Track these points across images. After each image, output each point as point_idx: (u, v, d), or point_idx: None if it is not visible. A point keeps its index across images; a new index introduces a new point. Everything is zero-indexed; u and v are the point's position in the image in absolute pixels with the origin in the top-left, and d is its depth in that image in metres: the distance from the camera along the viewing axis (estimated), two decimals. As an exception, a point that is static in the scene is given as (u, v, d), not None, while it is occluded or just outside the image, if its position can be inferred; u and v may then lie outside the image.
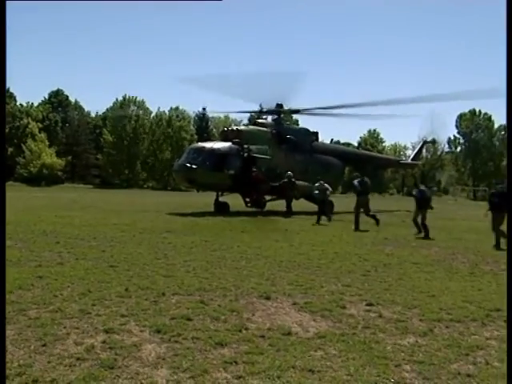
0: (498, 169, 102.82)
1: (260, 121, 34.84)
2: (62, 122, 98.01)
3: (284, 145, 30.48)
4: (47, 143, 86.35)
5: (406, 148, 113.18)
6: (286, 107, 33.12)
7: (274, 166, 28.64)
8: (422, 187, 20.16)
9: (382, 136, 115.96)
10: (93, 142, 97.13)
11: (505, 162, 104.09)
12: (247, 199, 29.06)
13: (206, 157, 27.08)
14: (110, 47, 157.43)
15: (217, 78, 48.41)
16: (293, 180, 24.50)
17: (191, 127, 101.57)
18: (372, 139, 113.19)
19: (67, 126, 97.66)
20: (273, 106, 32.96)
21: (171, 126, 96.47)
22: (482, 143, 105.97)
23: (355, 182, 21.81)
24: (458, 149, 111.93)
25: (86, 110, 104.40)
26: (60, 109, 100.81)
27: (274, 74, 33.74)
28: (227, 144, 28.27)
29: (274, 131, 30.97)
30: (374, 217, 21.59)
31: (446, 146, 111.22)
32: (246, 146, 28.09)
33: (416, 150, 51.31)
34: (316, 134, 34.22)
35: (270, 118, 35.98)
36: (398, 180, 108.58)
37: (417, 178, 77.44)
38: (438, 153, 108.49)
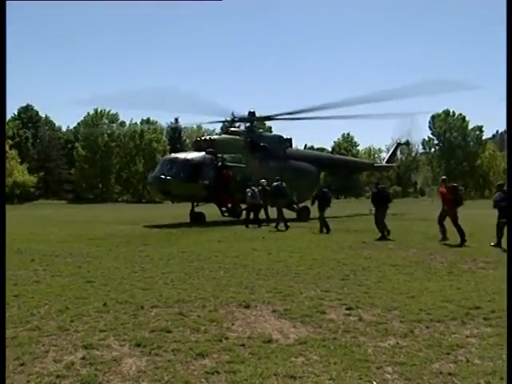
0: (472, 168, 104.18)
1: (233, 129, 34.91)
2: (32, 137, 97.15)
3: (258, 152, 30.46)
4: (18, 160, 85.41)
5: (380, 151, 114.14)
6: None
7: (248, 174, 28.59)
8: (325, 189, 22.63)
9: (356, 140, 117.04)
10: (65, 157, 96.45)
11: (479, 161, 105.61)
12: (223, 208, 29.04)
13: (180, 168, 27.00)
14: (81, 58, 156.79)
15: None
16: (267, 188, 24.56)
17: (164, 138, 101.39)
18: (346, 143, 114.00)
19: (38, 141, 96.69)
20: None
21: (142, 138, 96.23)
22: (456, 143, 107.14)
23: (273, 185, 24.19)
24: (433, 150, 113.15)
25: (56, 124, 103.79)
26: (30, 125, 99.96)
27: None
28: (201, 154, 28.20)
29: (247, 139, 30.98)
30: (280, 219, 23.18)
31: (421, 147, 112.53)
32: (219, 156, 28.06)
33: (390, 153, 51.47)
34: (289, 140, 34.25)
35: (242, 126, 36.08)
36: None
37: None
38: (413, 154, 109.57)
